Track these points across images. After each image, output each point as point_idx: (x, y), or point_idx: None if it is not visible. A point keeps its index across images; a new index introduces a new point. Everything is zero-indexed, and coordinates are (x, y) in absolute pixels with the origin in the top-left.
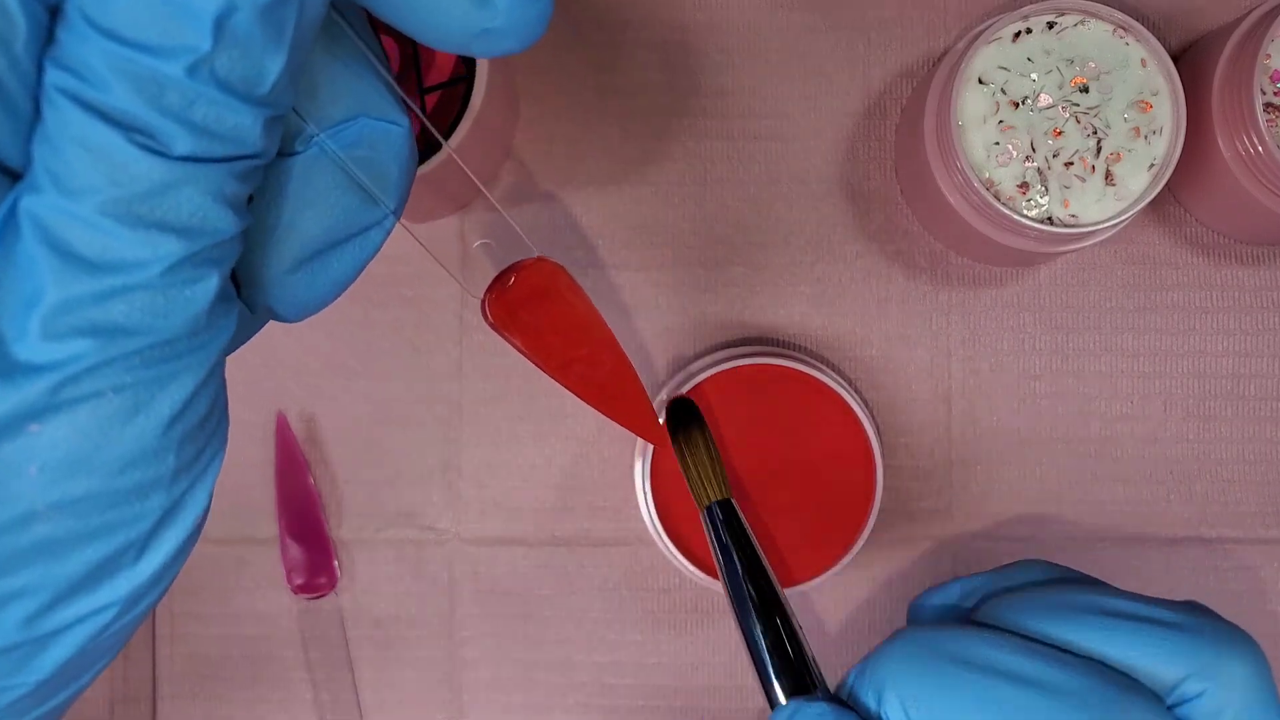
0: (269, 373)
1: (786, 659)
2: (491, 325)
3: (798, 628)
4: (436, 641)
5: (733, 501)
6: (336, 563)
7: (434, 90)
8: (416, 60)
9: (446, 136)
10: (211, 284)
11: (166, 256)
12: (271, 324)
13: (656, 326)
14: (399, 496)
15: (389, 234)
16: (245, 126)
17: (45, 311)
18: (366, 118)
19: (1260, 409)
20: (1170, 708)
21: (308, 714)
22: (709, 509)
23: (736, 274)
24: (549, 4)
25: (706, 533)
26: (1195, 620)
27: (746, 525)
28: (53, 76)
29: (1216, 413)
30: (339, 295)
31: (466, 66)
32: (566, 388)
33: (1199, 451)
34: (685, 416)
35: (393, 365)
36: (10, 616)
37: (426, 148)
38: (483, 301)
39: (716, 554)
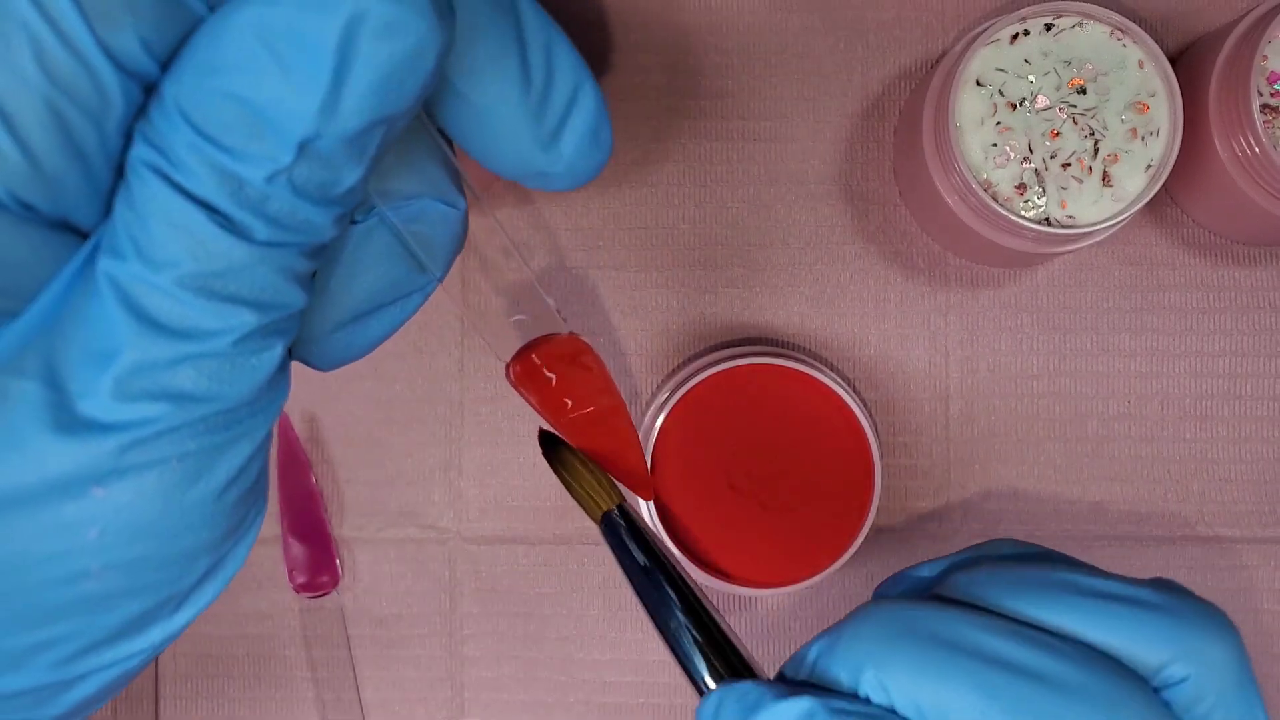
0: None
1: (730, 657)
2: (512, 383)
3: (728, 627)
4: (438, 640)
5: (625, 505)
6: (338, 561)
7: None
8: None
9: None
10: (276, 353)
11: (240, 328)
12: None
13: (656, 326)
14: (400, 495)
15: (428, 297)
16: (316, 222)
17: (120, 372)
18: (429, 199)
19: (1257, 408)
20: (1154, 692)
21: (309, 712)
22: (606, 519)
23: (735, 274)
24: (606, 157)
25: (609, 545)
26: (1175, 600)
27: (647, 526)
28: (142, 151)
29: (1213, 412)
30: (372, 351)
31: None
32: (570, 442)
33: (1196, 451)
34: (550, 446)
35: (395, 365)
36: (43, 659)
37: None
38: (507, 366)
39: (624, 562)
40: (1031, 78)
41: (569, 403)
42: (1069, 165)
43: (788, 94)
